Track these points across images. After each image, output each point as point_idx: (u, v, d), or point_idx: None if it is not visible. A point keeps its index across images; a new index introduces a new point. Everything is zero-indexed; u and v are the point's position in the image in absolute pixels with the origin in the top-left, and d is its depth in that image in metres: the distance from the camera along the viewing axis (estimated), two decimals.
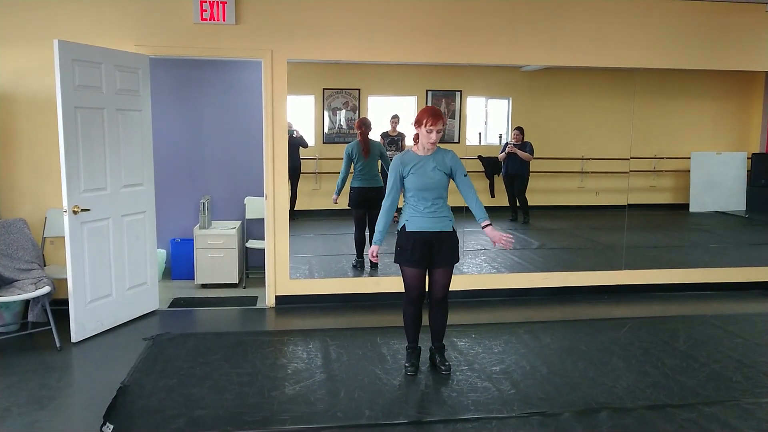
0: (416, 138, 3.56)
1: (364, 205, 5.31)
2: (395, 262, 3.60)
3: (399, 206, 3.63)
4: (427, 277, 3.59)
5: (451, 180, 3.58)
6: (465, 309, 4.92)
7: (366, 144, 5.29)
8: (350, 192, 5.34)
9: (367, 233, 5.37)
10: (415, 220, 3.50)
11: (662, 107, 6.11)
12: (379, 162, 5.38)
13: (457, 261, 3.63)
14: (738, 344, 4.19)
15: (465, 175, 3.55)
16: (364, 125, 5.34)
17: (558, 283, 5.41)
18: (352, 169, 5.33)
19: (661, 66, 5.30)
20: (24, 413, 3.11)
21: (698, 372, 3.71)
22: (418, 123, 3.47)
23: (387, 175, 5.35)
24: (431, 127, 3.40)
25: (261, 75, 4.79)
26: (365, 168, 5.31)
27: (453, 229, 3.56)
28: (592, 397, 3.34)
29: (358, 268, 5.41)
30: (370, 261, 3.63)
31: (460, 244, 3.67)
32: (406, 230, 3.52)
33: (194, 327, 4.59)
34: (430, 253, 3.52)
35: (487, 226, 3.54)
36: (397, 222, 3.62)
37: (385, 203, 3.57)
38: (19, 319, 4.35)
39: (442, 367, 3.66)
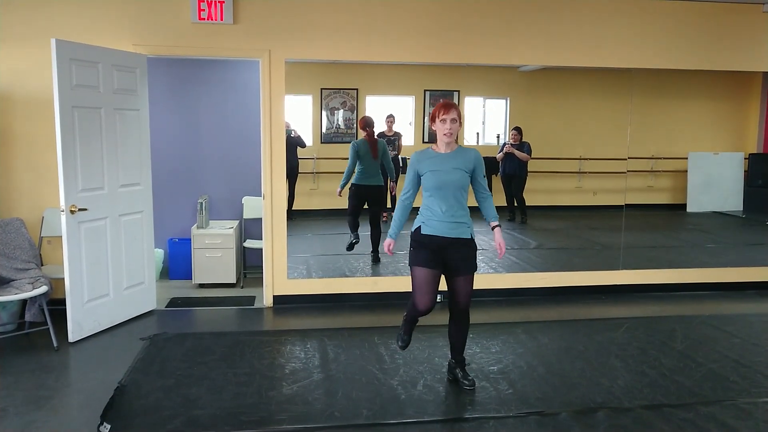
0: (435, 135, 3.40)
1: (363, 201, 5.33)
2: (409, 264, 3.41)
3: (416, 205, 3.47)
4: (439, 288, 3.36)
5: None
6: None
7: (374, 144, 5.24)
8: (351, 188, 5.31)
9: (360, 220, 5.38)
10: (432, 223, 3.31)
11: (660, 107, 6.12)
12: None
13: (475, 269, 3.44)
14: (735, 344, 4.20)
15: (483, 177, 3.39)
16: (369, 125, 5.26)
17: (555, 283, 5.42)
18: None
19: (658, 66, 5.31)
20: (21, 413, 3.11)
21: (695, 372, 3.71)
22: (432, 119, 3.33)
23: (386, 173, 5.30)
24: (444, 116, 3.25)
25: (259, 75, 4.79)
26: (370, 167, 5.26)
27: (471, 236, 3.36)
28: (589, 397, 3.35)
29: (354, 242, 5.38)
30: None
31: None
32: (421, 233, 3.34)
33: (192, 327, 4.59)
34: (445, 261, 3.35)
35: (496, 227, 3.46)
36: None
37: (401, 200, 3.44)
38: (16, 318, 4.35)
39: (466, 382, 3.47)
